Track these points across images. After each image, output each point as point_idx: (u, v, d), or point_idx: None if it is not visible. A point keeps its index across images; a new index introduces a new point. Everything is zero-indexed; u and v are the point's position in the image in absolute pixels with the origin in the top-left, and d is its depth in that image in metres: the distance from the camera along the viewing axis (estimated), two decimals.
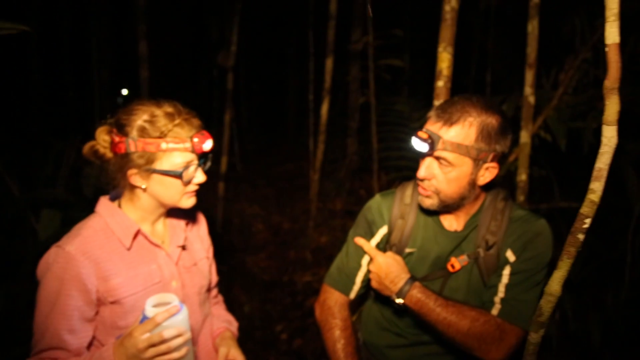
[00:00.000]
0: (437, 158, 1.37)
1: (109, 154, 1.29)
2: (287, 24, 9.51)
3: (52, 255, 1.24)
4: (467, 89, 6.04)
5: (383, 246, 1.59)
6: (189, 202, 1.35)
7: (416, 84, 6.86)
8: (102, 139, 1.30)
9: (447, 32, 2.31)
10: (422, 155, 1.41)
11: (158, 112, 1.24)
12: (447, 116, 1.34)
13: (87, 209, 1.37)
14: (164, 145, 1.22)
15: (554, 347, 2.83)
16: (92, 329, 1.28)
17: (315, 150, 5.02)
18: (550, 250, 1.42)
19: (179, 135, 1.24)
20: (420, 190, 1.45)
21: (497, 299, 1.41)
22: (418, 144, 1.36)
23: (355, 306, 1.78)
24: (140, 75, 4.21)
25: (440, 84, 2.34)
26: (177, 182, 1.28)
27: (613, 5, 0.60)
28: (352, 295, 1.63)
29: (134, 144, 1.22)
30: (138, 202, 1.33)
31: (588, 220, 0.64)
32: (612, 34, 0.60)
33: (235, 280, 4.19)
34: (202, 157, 1.32)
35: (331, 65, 4.62)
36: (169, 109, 1.26)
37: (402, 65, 4.36)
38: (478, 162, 1.35)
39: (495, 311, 1.40)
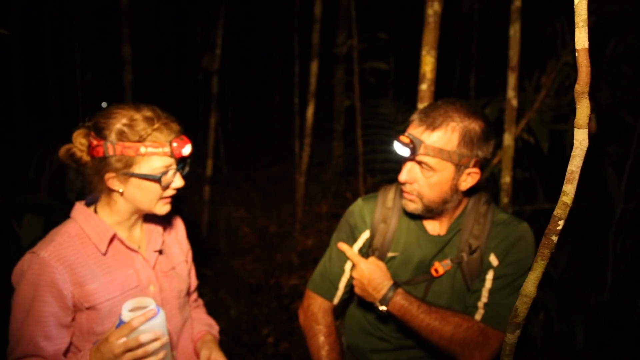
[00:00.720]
0: (419, 162, 1.37)
1: (86, 158, 1.28)
2: (272, 27, 9.51)
3: (27, 262, 1.23)
4: (451, 92, 6.09)
5: (366, 250, 1.60)
6: (164, 208, 1.35)
7: (401, 87, 6.91)
8: (79, 142, 1.29)
9: (430, 36, 2.34)
10: (404, 159, 1.41)
11: (137, 116, 1.24)
12: (430, 120, 1.34)
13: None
14: (142, 150, 1.22)
15: (539, 347, 2.87)
16: (69, 335, 1.27)
17: (301, 153, 5.03)
18: (532, 254, 1.43)
19: (158, 140, 1.24)
20: (404, 194, 1.45)
21: (480, 304, 1.42)
22: (400, 149, 1.36)
23: (339, 310, 1.78)
24: (124, 79, 4.17)
25: (423, 87, 2.36)
26: (156, 186, 1.28)
27: (582, 11, 0.61)
28: (336, 300, 1.63)
29: (112, 147, 1.22)
30: (115, 206, 1.32)
31: (561, 222, 0.66)
32: (581, 39, 0.62)
33: (221, 283, 4.17)
34: (181, 161, 1.32)
35: (316, 69, 4.64)
36: (148, 113, 1.26)
37: (386, 68, 4.38)
38: (460, 167, 1.35)
39: (478, 316, 1.41)
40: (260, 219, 5.70)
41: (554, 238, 0.66)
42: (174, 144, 1.25)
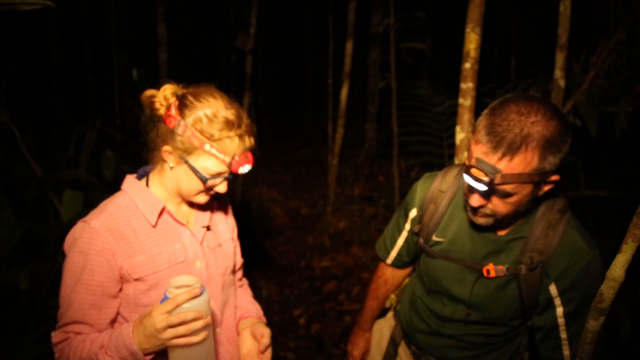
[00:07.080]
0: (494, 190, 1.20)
1: (162, 112, 1.26)
2: (306, 7, 9.39)
3: (78, 230, 1.25)
4: (490, 73, 5.91)
5: (414, 226, 1.58)
6: (201, 199, 1.34)
7: (437, 68, 6.74)
8: (164, 96, 1.27)
9: (475, 12, 2.24)
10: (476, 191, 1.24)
11: (222, 113, 1.22)
12: (506, 144, 1.12)
13: (107, 190, 1.36)
14: (207, 147, 1.21)
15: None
16: (116, 306, 1.28)
17: (334, 135, 4.98)
18: (596, 288, 1.18)
19: (225, 147, 1.22)
20: (474, 212, 1.31)
21: (566, 353, 1.36)
22: (473, 183, 1.18)
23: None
24: (159, 58, 4.19)
25: (467, 65, 2.27)
26: (200, 183, 1.27)
27: None
28: (389, 261, 1.74)
29: (184, 127, 1.21)
30: (163, 177, 1.32)
31: None
32: None
33: (253, 264, 4.20)
34: (235, 175, 1.30)
35: (351, 49, 4.55)
36: (232, 117, 1.23)
37: (424, 48, 4.25)
38: (540, 182, 1.19)
39: None
40: (292, 201, 5.70)
41: None
42: (236, 158, 1.24)
